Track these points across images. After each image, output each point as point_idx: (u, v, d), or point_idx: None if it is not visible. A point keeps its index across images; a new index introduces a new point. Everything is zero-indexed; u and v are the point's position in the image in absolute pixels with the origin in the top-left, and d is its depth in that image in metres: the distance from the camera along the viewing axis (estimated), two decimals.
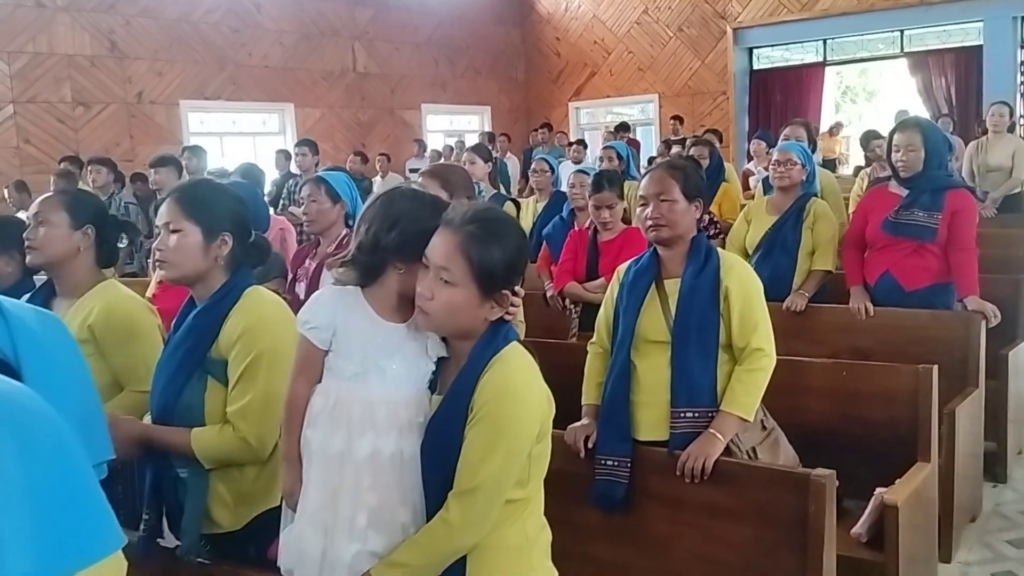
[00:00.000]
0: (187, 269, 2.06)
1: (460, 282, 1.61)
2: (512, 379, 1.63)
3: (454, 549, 1.63)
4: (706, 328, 2.47)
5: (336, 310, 1.70)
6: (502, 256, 1.63)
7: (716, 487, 2.40)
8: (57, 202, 2.48)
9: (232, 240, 2.12)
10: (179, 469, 2.02)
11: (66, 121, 10.17)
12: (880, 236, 3.89)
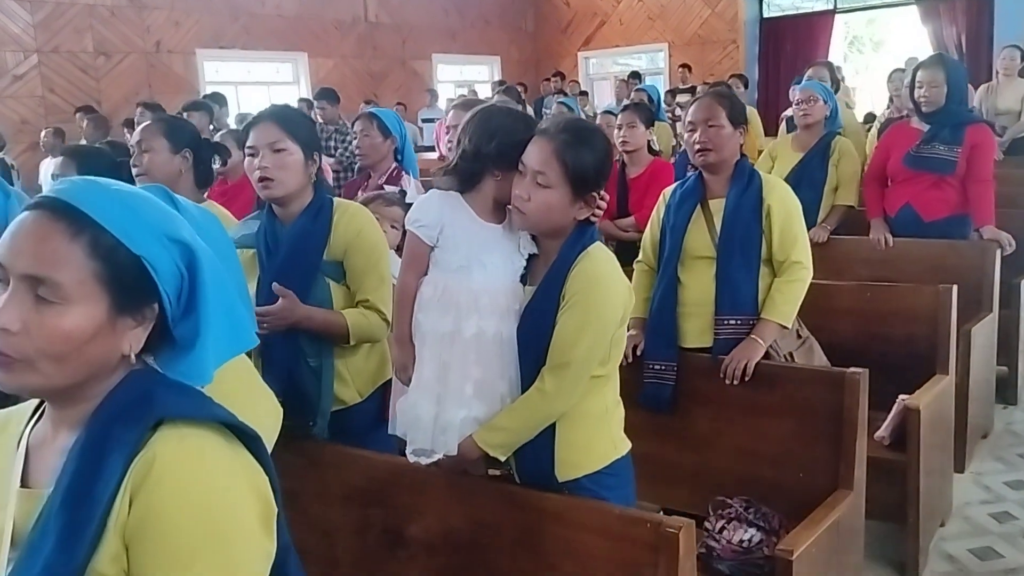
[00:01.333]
0: (292, 186, 2.26)
1: (555, 184, 1.82)
2: (599, 271, 1.85)
3: (547, 415, 1.86)
4: (749, 243, 2.67)
5: (443, 211, 1.92)
6: (592, 160, 1.84)
7: (757, 387, 2.63)
8: (157, 129, 2.67)
9: (318, 160, 2.34)
10: (310, 359, 2.26)
11: (88, 71, 10.29)
12: (901, 170, 4.08)
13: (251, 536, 1.03)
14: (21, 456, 1.07)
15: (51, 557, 0.96)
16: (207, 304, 1.08)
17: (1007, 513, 3.37)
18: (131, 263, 1.02)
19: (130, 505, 0.98)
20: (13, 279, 0.99)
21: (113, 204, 1.03)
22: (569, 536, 1.85)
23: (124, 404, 1.04)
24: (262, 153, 2.28)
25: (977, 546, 3.15)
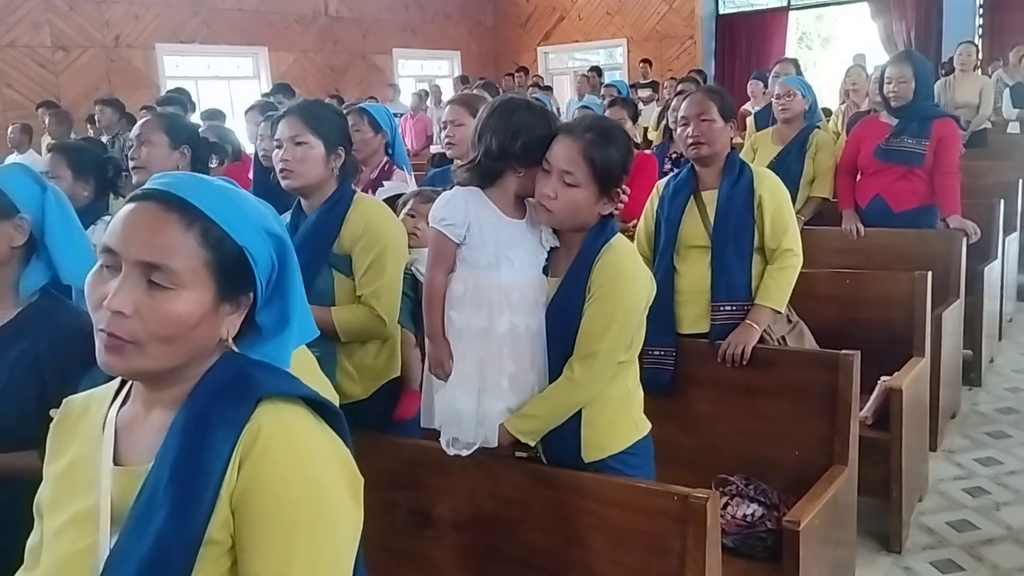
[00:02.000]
0: (311, 178, 2.33)
1: (582, 183, 1.91)
2: (623, 263, 1.95)
3: (575, 402, 1.96)
4: (742, 232, 2.79)
5: (468, 209, 1.98)
6: (618, 158, 1.94)
7: (754, 370, 2.75)
8: (157, 124, 2.71)
9: (344, 154, 2.40)
10: (313, 348, 2.31)
11: (46, 65, 10.13)
12: (872, 162, 4.24)
13: (343, 503, 1.10)
14: (111, 436, 1.13)
15: (165, 528, 1.03)
16: (293, 293, 1.17)
17: (980, 488, 3.56)
18: (235, 253, 1.09)
19: (238, 474, 1.05)
20: (126, 265, 1.05)
21: (219, 198, 1.10)
22: (597, 511, 1.95)
23: (224, 384, 1.11)
24: (285, 146, 2.34)
25: (954, 519, 3.32)
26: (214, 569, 1.04)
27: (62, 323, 1.83)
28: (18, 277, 1.85)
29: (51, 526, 1.15)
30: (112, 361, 1.06)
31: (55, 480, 1.18)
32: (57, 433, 1.22)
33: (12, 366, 1.79)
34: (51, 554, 1.13)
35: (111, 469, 1.11)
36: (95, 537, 1.07)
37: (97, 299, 1.06)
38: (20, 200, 1.84)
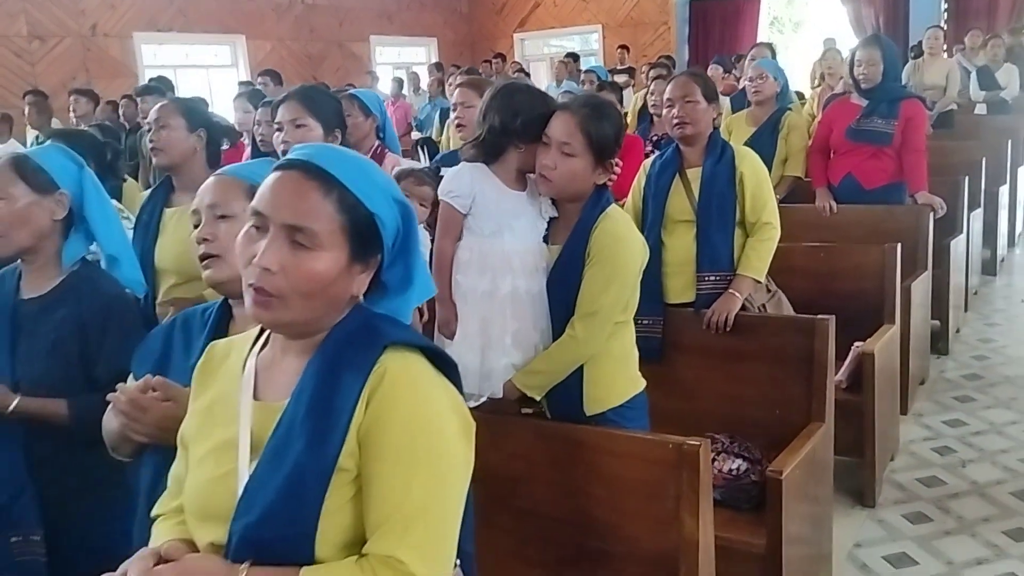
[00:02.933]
0: None
1: (579, 153, 2.08)
2: (619, 229, 2.12)
3: (577, 357, 2.13)
4: (725, 207, 2.97)
5: (473, 182, 2.15)
6: (611, 130, 2.10)
7: (736, 336, 2.93)
8: (174, 108, 2.83)
9: (340, 135, 2.54)
10: None
11: (23, 55, 10.11)
12: (843, 142, 4.44)
13: (456, 442, 1.24)
14: (251, 376, 1.28)
15: (302, 455, 1.18)
16: (415, 255, 1.32)
17: (947, 447, 3.77)
18: (367, 219, 1.24)
19: (365, 411, 1.19)
20: (273, 227, 1.19)
21: (354, 169, 1.25)
22: (598, 462, 2.12)
23: (353, 333, 1.25)
24: (286, 128, 2.49)
25: (923, 476, 3.54)
26: (341, 495, 1.18)
27: (103, 290, 1.98)
28: (60, 248, 1.99)
29: (195, 454, 1.30)
30: (259, 313, 1.21)
31: (199, 414, 1.33)
32: (201, 374, 1.37)
33: (58, 327, 1.94)
34: (195, 479, 1.28)
35: (251, 404, 1.26)
36: (235, 464, 1.22)
37: (247, 257, 1.21)
38: (59, 177, 1.98)
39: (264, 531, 1.16)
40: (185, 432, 1.35)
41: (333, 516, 1.18)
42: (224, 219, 1.61)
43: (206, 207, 1.63)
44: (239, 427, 1.24)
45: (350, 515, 1.19)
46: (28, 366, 1.95)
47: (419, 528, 1.17)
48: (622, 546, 2.10)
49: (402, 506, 1.16)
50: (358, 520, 1.19)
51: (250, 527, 1.17)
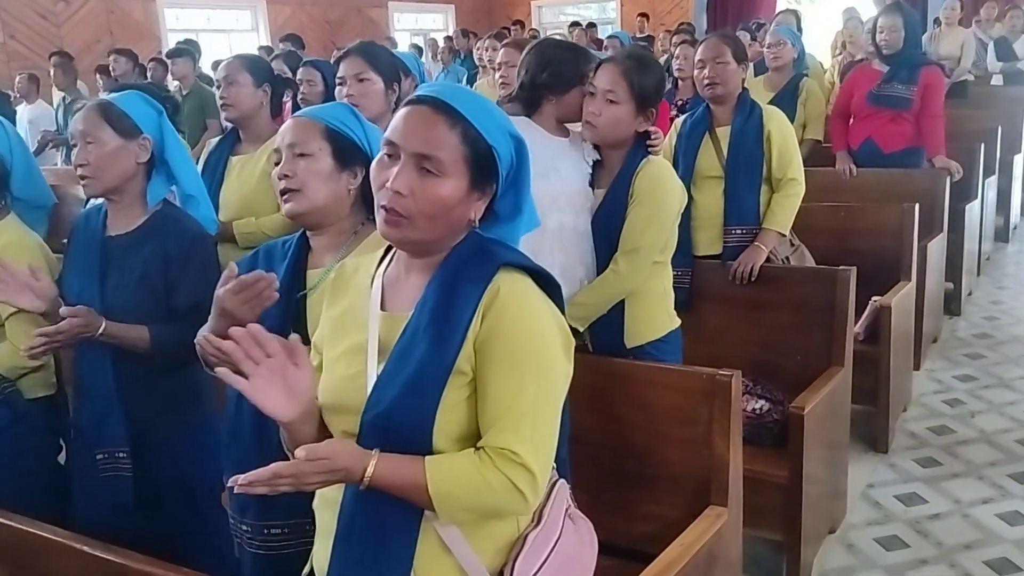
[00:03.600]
0: (375, 111, 2.62)
1: (623, 100, 2.25)
2: (661, 173, 2.30)
3: (619, 291, 2.31)
4: (752, 163, 3.12)
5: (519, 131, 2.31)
6: (653, 80, 2.27)
7: (761, 286, 3.10)
8: (241, 64, 2.99)
9: (398, 89, 2.70)
10: None
11: (48, 17, 10.24)
12: (864, 107, 4.57)
13: (559, 355, 1.40)
14: (379, 289, 1.45)
15: (425, 356, 1.35)
16: (526, 187, 1.47)
17: (957, 400, 3.95)
18: (486, 150, 1.39)
19: (481, 323, 1.36)
20: (404, 156, 1.35)
21: (476, 105, 1.40)
22: (637, 392, 2.29)
23: (470, 254, 1.41)
24: (349, 82, 2.64)
25: (934, 425, 3.72)
26: (457, 394, 1.36)
27: (185, 227, 2.16)
28: (143, 189, 2.16)
29: (329, 356, 1.49)
30: (389, 231, 1.38)
31: (332, 322, 1.51)
32: (334, 288, 1.55)
33: (145, 261, 2.12)
34: (330, 377, 1.46)
35: (379, 314, 1.44)
36: (364, 366, 1.40)
37: (380, 182, 1.37)
38: (142, 122, 2.16)
39: (390, 422, 1.34)
40: (318, 338, 1.55)
41: (449, 412, 1.35)
42: (303, 157, 1.78)
43: (286, 146, 1.80)
44: (368, 334, 1.42)
45: (464, 413, 1.37)
46: (116, 296, 2.13)
47: (529, 425, 1.34)
48: (658, 468, 2.28)
49: (514, 405, 1.33)
50: (471, 418, 1.37)
51: (379, 418, 1.35)
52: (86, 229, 2.21)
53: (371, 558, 1.36)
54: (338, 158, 1.81)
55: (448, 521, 1.36)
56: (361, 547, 1.36)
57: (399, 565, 1.36)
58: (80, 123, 2.10)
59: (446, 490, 1.31)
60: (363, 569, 1.36)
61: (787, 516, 2.67)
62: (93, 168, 2.09)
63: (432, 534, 1.37)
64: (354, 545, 1.37)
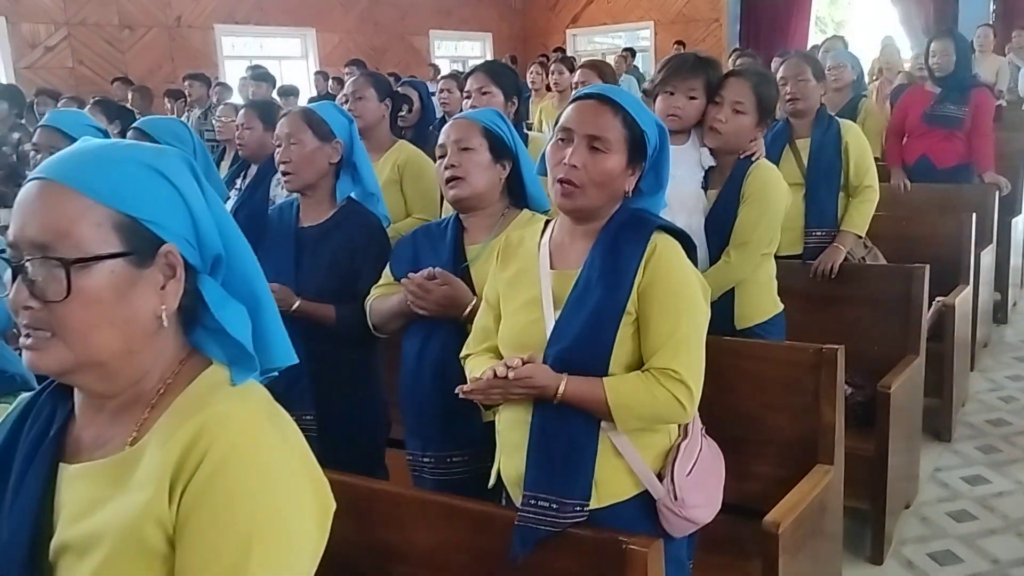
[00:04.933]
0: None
1: (749, 111, 2.57)
2: (770, 175, 2.62)
3: (730, 280, 2.63)
4: (831, 172, 3.44)
5: None
6: (775, 94, 2.61)
7: (840, 283, 3.40)
8: (367, 81, 3.35)
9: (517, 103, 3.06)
10: None
11: (114, 43, 10.74)
12: (918, 125, 4.89)
13: (702, 299, 1.76)
14: (546, 252, 1.79)
15: (599, 301, 1.69)
16: (665, 167, 1.84)
17: (1011, 396, 4.25)
18: (640, 134, 1.75)
19: (643, 275, 1.70)
20: (577, 138, 1.72)
21: (631, 99, 1.77)
22: (747, 366, 2.59)
23: (628, 219, 1.77)
24: (473, 95, 3.00)
25: (991, 418, 4.01)
26: (625, 331, 1.70)
27: (368, 220, 2.50)
28: (332, 187, 2.51)
29: (507, 310, 1.82)
30: (563, 201, 1.73)
31: (506, 282, 1.85)
32: (503, 256, 1.90)
33: (335, 250, 2.45)
34: (510, 325, 1.80)
35: (549, 272, 1.78)
36: (541, 314, 1.74)
37: (557, 159, 1.73)
38: (336, 128, 2.50)
39: (572, 354, 1.68)
40: (490, 294, 1.90)
41: (620, 344, 1.70)
42: (466, 151, 2.14)
43: (452, 142, 2.17)
44: (541, 289, 1.77)
45: (631, 345, 1.72)
46: (309, 279, 2.45)
47: (684, 351, 1.69)
48: (766, 433, 2.58)
49: (673, 335, 1.68)
50: (635, 349, 1.72)
51: (562, 351, 1.69)
52: (280, 220, 2.55)
53: (562, 462, 1.69)
54: (493, 152, 2.18)
55: (621, 430, 1.70)
56: (554, 454, 1.70)
57: (585, 467, 1.70)
58: (285, 126, 2.45)
59: (622, 402, 1.65)
60: (556, 472, 1.70)
61: (874, 487, 2.96)
62: (294, 165, 2.43)
63: (607, 442, 1.72)
64: (548, 453, 1.71)
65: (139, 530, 0.92)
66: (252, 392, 1.02)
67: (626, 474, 1.73)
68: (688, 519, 1.76)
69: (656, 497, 1.74)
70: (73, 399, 1.04)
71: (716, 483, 1.86)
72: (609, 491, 1.72)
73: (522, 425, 1.73)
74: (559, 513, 1.67)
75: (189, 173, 1.00)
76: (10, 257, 0.93)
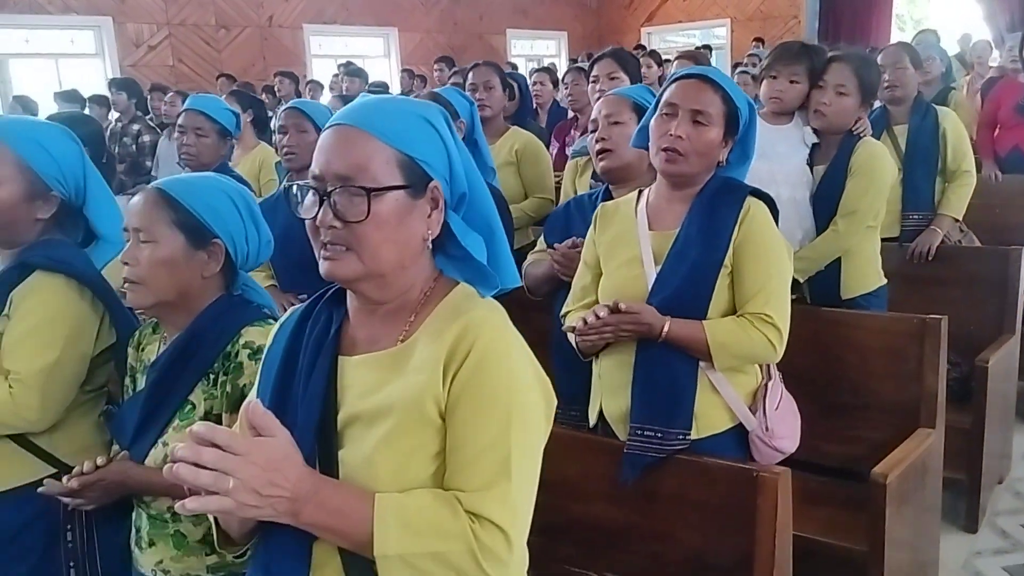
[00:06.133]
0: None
1: (851, 93, 2.72)
2: (876, 151, 2.78)
3: (836, 249, 2.80)
4: (929, 157, 3.55)
5: None
6: (877, 77, 2.75)
7: (937, 264, 3.51)
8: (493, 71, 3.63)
9: None
10: None
11: (211, 43, 11.22)
12: (1011, 117, 4.94)
13: (786, 255, 1.96)
14: (643, 216, 2.00)
15: (698, 256, 1.90)
16: (751, 144, 2.04)
17: None
18: (735, 110, 1.95)
19: (738, 232, 1.91)
20: (682, 112, 1.93)
21: (727, 78, 1.97)
22: (851, 336, 2.74)
23: (722, 185, 1.98)
24: (601, 80, 3.20)
25: None
26: (721, 283, 1.92)
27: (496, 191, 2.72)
28: None
29: (608, 268, 2.03)
30: (668, 166, 1.93)
31: (605, 244, 2.07)
32: (601, 220, 2.12)
33: None
34: (612, 281, 2.01)
35: (648, 233, 1.97)
36: (642, 270, 1.95)
37: (662, 131, 1.93)
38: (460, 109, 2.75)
39: (674, 303, 1.90)
40: (589, 256, 2.12)
41: (717, 294, 1.92)
42: (616, 125, 2.34)
43: (603, 116, 2.38)
44: (640, 248, 1.99)
45: (726, 295, 1.93)
46: None
47: (775, 298, 1.90)
48: (868, 399, 2.72)
49: (765, 285, 1.90)
50: (730, 300, 1.93)
51: (664, 300, 1.91)
52: None
53: (665, 396, 1.91)
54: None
55: (717, 368, 1.91)
56: (658, 388, 1.92)
57: (686, 400, 1.91)
58: None
59: (720, 341, 1.87)
60: (660, 405, 1.91)
61: (970, 457, 3.08)
62: None
63: (705, 380, 1.94)
64: (652, 388, 1.92)
65: (421, 403, 1.13)
66: (496, 304, 1.23)
67: (722, 409, 1.96)
68: (776, 448, 1.98)
69: (749, 429, 1.97)
70: (345, 307, 1.26)
71: (795, 421, 2.08)
72: (707, 423, 1.95)
73: (626, 366, 1.95)
74: (664, 441, 1.89)
75: (446, 125, 1.22)
76: (316, 188, 1.15)
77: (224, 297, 1.70)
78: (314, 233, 1.17)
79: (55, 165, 1.85)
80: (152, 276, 1.61)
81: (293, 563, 1.13)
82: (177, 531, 1.64)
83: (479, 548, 1.07)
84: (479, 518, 1.08)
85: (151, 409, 1.64)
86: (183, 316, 1.66)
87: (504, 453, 1.10)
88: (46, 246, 1.87)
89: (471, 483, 1.10)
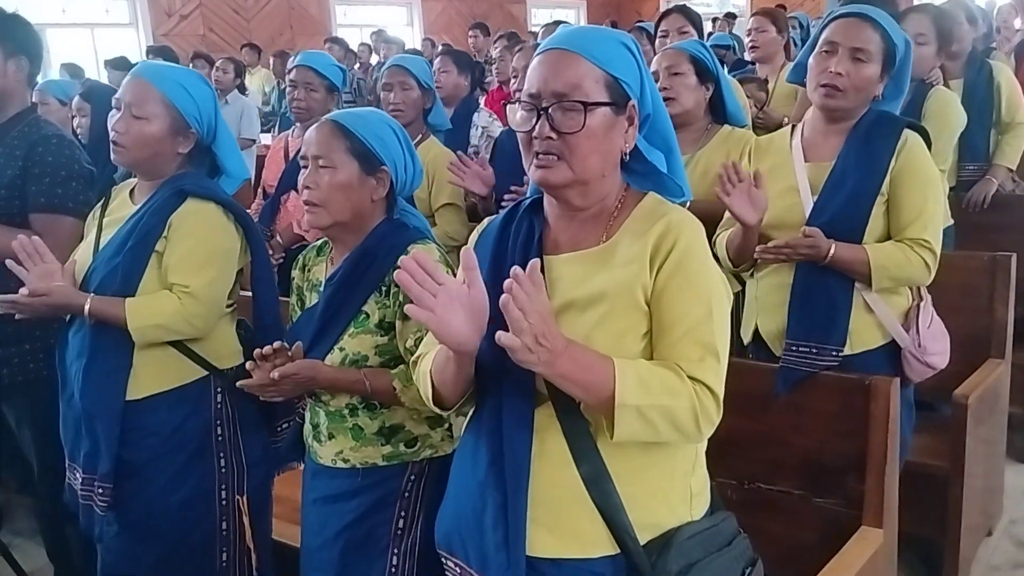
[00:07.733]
0: None
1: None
2: (949, 98, 3.04)
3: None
4: (984, 109, 3.69)
5: None
6: (952, 24, 2.88)
7: (992, 212, 3.67)
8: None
9: None
10: None
11: (240, 12, 11.34)
12: None
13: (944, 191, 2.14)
14: (799, 148, 2.17)
15: (857, 184, 2.09)
16: (907, 79, 2.20)
17: None
18: (892, 47, 2.11)
19: (896, 164, 2.09)
20: (842, 50, 2.08)
21: (886, 17, 2.12)
22: None
23: (877, 118, 2.16)
24: (671, 35, 3.35)
25: None
26: (878, 211, 2.09)
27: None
28: None
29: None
30: (826, 101, 2.12)
31: (768, 170, 2.19)
32: (756, 154, 2.31)
33: None
34: (769, 210, 2.13)
35: (804, 164, 2.16)
36: (798, 198, 2.13)
37: (822, 68, 2.10)
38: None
39: (832, 228, 2.05)
40: None
41: (873, 220, 2.08)
42: (676, 75, 2.62)
43: (664, 68, 2.65)
44: (796, 178, 2.15)
45: (882, 222, 2.10)
46: None
47: (932, 224, 2.08)
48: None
49: (923, 212, 2.07)
50: (885, 227, 2.09)
51: (821, 227, 2.05)
52: None
53: (822, 314, 2.09)
54: (699, 76, 2.64)
55: (875, 289, 2.08)
56: (815, 307, 2.10)
57: (841, 317, 2.09)
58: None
59: (881, 263, 2.04)
60: (817, 322, 2.09)
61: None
62: None
63: (860, 299, 2.11)
64: (809, 306, 2.10)
65: (632, 290, 1.31)
66: (685, 209, 1.42)
67: (875, 327, 2.13)
68: (928, 364, 2.13)
69: (903, 345, 2.13)
70: (543, 214, 1.44)
71: (945, 339, 2.23)
72: (861, 340, 2.12)
73: (783, 288, 2.13)
74: (818, 357, 2.05)
75: (640, 52, 1.39)
76: (533, 104, 1.33)
77: (387, 220, 1.88)
78: (527, 146, 1.34)
79: (194, 105, 2.07)
80: (331, 198, 1.79)
81: (520, 425, 1.32)
82: (356, 424, 1.84)
83: (700, 407, 1.26)
84: (698, 382, 1.26)
85: (328, 318, 1.83)
86: (353, 236, 1.85)
87: (709, 332, 1.29)
88: (195, 177, 2.12)
89: (686, 356, 1.28)
